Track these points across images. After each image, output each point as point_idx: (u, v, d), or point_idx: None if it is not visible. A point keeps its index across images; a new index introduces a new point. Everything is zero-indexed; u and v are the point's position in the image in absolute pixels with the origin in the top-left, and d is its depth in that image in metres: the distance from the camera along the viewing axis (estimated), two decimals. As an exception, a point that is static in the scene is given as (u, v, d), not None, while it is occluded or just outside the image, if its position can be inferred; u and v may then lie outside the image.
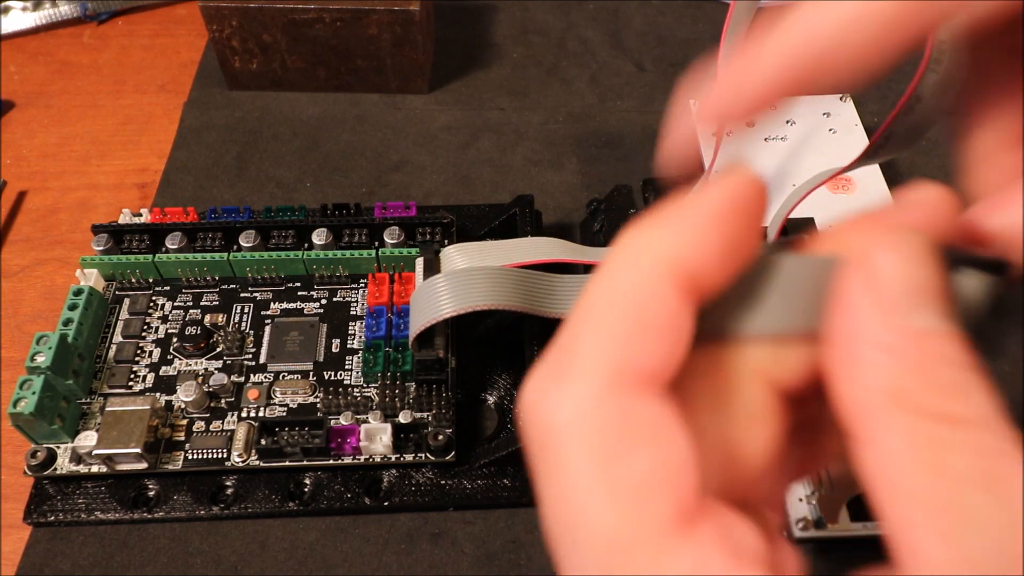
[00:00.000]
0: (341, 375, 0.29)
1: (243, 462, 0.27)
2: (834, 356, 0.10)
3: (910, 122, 0.21)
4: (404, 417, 0.27)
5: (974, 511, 0.09)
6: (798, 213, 0.30)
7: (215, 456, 0.27)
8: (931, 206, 0.12)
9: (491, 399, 0.30)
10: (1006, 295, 0.12)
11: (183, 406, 0.28)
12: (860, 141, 0.35)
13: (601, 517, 0.10)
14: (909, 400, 0.09)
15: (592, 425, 0.10)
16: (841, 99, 0.37)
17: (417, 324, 0.27)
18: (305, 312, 0.31)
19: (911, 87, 0.20)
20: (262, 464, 0.27)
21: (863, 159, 0.24)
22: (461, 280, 0.27)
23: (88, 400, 0.29)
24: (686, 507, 0.10)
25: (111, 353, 0.30)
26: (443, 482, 0.28)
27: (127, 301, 0.31)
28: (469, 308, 0.26)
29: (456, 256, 0.29)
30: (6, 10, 0.45)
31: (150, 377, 0.29)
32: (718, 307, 0.11)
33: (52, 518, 0.27)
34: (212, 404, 0.29)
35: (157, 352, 0.30)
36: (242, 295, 0.32)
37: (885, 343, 0.10)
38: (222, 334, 0.30)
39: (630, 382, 0.10)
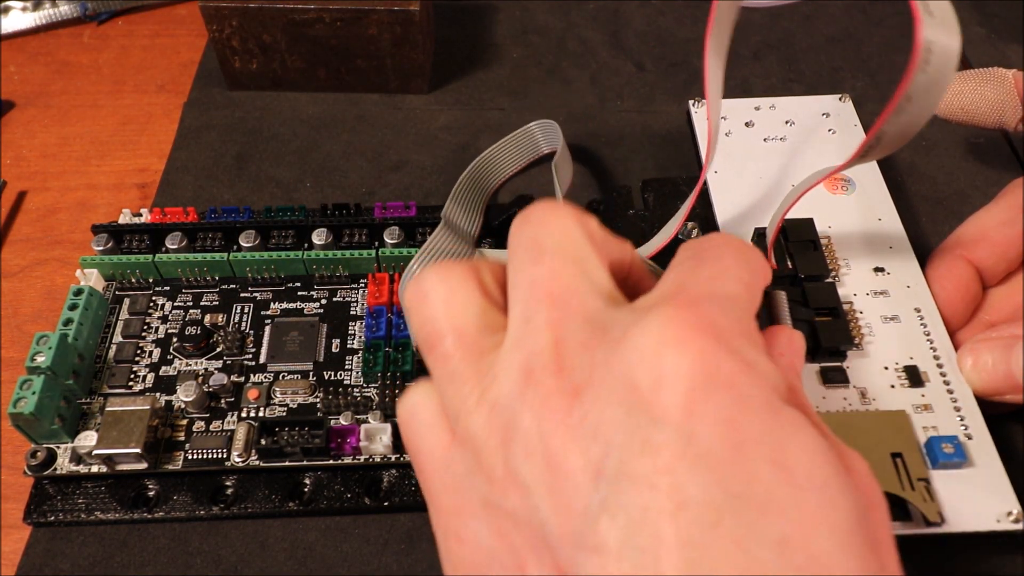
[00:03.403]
0: (341, 375, 0.29)
1: (243, 462, 0.27)
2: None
3: (901, 122, 0.21)
4: (404, 417, 0.27)
5: None
6: (797, 214, 0.30)
7: (215, 456, 0.27)
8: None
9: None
10: None
11: (183, 406, 0.28)
12: (859, 141, 0.35)
13: None
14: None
15: None
16: (840, 99, 0.37)
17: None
18: (305, 312, 0.31)
19: (902, 87, 0.20)
20: (262, 464, 0.27)
21: (857, 158, 0.24)
22: (431, 257, 0.27)
23: (88, 400, 0.29)
24: None
25: (111, 353, 0.30)
26: (443, 482, 0.28)
27: (127, 301, 0.31)
28: None
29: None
30: (6, 10, 0.45)
31: (150, 377, 0.29)
32: None
33: (52, 518, 0.27)
34: (212, 404, 0.29)
35: (157, 352, 0.30)
36: (242, 295, 0.32)
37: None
38: (222, 334, 0.30)
39: None
